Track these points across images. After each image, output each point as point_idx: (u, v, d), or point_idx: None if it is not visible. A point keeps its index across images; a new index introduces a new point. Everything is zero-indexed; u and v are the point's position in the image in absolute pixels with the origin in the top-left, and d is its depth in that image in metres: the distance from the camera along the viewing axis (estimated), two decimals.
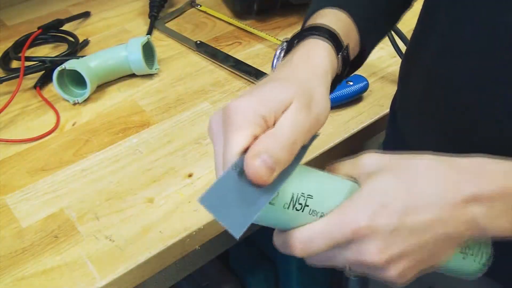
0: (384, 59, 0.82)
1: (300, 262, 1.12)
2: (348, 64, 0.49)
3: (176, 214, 0.58)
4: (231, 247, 0.68)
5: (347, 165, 0.41)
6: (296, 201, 0.36)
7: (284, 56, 0.47)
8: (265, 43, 0.87)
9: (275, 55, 0.73)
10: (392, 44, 0.79)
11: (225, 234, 0.61)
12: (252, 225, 0.34)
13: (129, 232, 0.57)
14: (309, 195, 0.37)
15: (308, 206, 0.37)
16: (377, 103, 0.74)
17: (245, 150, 0.35)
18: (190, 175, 0.63)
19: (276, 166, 0.34)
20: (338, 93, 0.72)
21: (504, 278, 0.52)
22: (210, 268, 1.03)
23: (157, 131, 0.70)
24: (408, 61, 0.60)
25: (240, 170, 0.35)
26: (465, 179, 0.37)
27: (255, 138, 0.35)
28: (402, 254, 0.36)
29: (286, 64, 0.43)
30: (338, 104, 0.73)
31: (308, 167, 0.39)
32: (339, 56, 0.46)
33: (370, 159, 0.39)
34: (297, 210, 0.37)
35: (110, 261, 0.54)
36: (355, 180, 0.40)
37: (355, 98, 0.74)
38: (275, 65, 0.73)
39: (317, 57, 0.43)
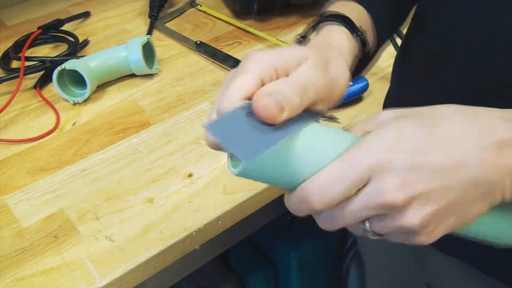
0: (384, 59, 0.82)
1: (300, 262, 1.12)
2: (367, 48, 0.48)
3: (176, 214, 0.58)
4: (231, 247, 0.68)
5: (364, 123, 0.37)
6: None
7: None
8: (265, 43, 0.87)
9: None
10: (392, 44, 0.79)
11: (225, 234, 0.61)
12: (252, 225, 0.34)
13: (129, 232, 0.57)
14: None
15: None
16: (377, 103, 0.74)
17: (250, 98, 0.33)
18: (190, 175, 0.63)
19: (286, 106, 0.32)
20: None
21: (505, 277, 0.52)
22: (210, 268, 1.03)
23: (157, 131, 0.70)
24: (401, 61, 0.60)
25: (248, 112, 0.33)
26: (496, 123, 0.34)
27: (262, 84, 0.34)
28: (423, 195, 0.32)
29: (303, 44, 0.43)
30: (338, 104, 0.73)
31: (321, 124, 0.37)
32: (355, 36, 0.45)
33: (387, 112, 0.36)
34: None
35: (110, 261, 0.54)
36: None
37: (355, 98, 0.73)
38: None
39: (335, 38, 0.43)
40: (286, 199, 0.36)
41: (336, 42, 0.43)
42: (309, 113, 0.36)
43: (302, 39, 0.47)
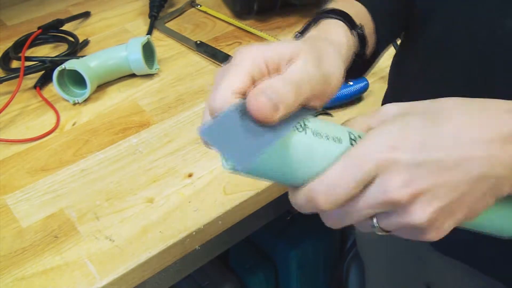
0: (384, 59, 0.82)
1: (300, 262, 1.12)
2: (367, 45, 0.47)
3: (176, 214, 0.58)
4: (231, 247, 0.68)
5: (366, 118, 0.37)
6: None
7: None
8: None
9: None
10: (392, 44, 0.79)
11: (225, 234, 0.61)
12: (252, 225, 0.33)
13: (129, 232, 0.57)
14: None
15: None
16: (377, 103, 0.74)
17: (243, 94, 0.33)
18: (190, 175, 0.63)
19: (280, 105, 0.32)
20: (338, 93, 0.72)
21: (505, 278, 0.52)
22: (210, 268, 1.03)
23: (157, 131, 0.70)
24: (399, 62, 0.60)
25: (242, 111, 0.32)
26: (501, 116, 0.33)
27: (253, 82, 0.33)
28: (429, 191, 0.32)
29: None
30: (338, 104, 0.73)
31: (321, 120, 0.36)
32: (353, 32, 0.45)
33: (391, 107, 0.36)
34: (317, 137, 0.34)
35: (110, 261, 0.54)
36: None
37: (355, 98, 0.73)
38: None
39: (332, 32, 0.43)
40: (291, 196, 0.35)
41: (332, 37, 0.42)
42: (303, 110, 0.35)
43: (300, 35, 0.47)
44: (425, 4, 0.53)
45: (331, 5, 0.47)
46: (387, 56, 0.82)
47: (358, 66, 0.48)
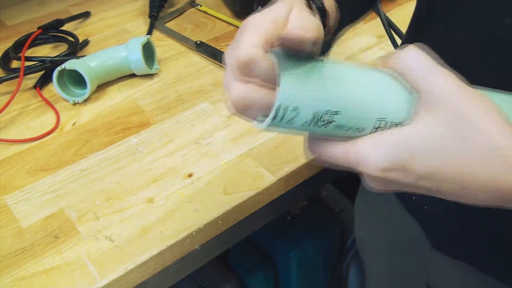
0: None
1: (300, 262, 1.12)
2: (327, 20, 0.47)
3: (176, 214, 0.58)
4: (231, 247, 0.68)
5: (422, 70, 0.35)
6: (318, 120, 0.33)
7: None
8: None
9: None
10: (392, 44, 0.79)
11: (225, 234, 0.61)
12: (252, 225, 0.33)
13: (129, 232, 0.57)
14: (335, 111, 0.33)
15: (332, 122, 0.34)
16: None
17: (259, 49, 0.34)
18: (190, 175, 0.63)
19: (308, 28, 0.33)
20: None
21: (506, 278, 0.52)
22: (210, 268, 1.03)
23: (157, 131, 0.70)
24: None
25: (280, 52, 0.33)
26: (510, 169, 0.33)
27: (268, 41, 0.34)
28: (396, 189, 0.35)
29: None
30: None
31: (339, 65, 0.35)
32: (312, 4, 0.45)
33: (445, 84, 0.35)
34: (319, 126, 0.34)
35: (110, 261, 0.54)
36: (411, 89, 0.35)
37: None
38: None
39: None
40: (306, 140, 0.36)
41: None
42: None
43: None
44: (425, 3, 0.53)
45: None
46: None
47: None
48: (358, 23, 0.57)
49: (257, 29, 0.35)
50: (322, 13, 0.46)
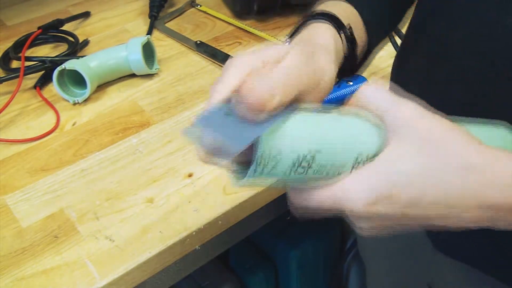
0: (384, 59, 0.82)
1: (300, 262, 1.12)
2: (355, 45, 0.48)
3: (176, 214, 0.58)
4: (231, 247, 0.68)
5: (384, 101, 0.36)
6: (298, 165, 0.34)
7: None
8: (265, 43, 0.87)
9: None
10: (392, 44, 0.79)
11: (225, 234, 0.61)
12: (252, 225, 0.33)
13: (129, 232, 0.57)
14: (316, 151, 0.34)
15: (312, 167, 0.34)
16: None
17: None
18: (190, 175, 0.63)
19: (276, 90, 0.32)
20: (338, 93, 0.72)
21: (507, 278, 0.52)
22: (210, 268, 1.03)
23: (157, 131, 0.70)
24: (400, 61, 0.60)
25: (226, 111, 0.33)
26: (487, 182, 0.34)
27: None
28: (386, 225, 0.35)
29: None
30: (338, 104, 0.73)
31: (312, 114, 0.35)
32: (341, 33, 0.45)
33: (408, 112, 0.35)
34: (299, 174, 0.34)
35: (110, 261, 0.54)
36: (378, 123, 0.36)
37: None
38: None
39: (319, 35, 0.43)
40: (292, 193, 0.36)
41: (319, 40, 0.43)
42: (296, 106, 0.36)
43: (290, 38, 0.47)
44: (426, 3, 0.53)
45: (319, 7, 0.48)
46: (387, 56, 0.82)
47: (349, 66, 0.49)
48: (383, 45, 0.57)
49: (237, 68, 0.35)
50: (352, 42, 0.46)
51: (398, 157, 0.34)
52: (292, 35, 0.47)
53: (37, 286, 0.52)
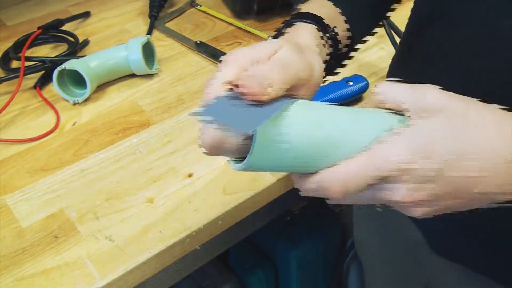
0: (384, 59, 0.82)
1: (300, 262, 1.12)
2: (339, 46, 0.48)
3: (176, 214, 0.59)
4: (231, 247, 0.68)
5: (405, 93, 0.37)
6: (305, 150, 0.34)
7: None
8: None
9: None
10: (392, 44, 0.79)
11: (225, 234, 0.61)
12: (252, 225, 0.34)
13: (129, 232, 0.57)
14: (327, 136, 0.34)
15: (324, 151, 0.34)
16: None
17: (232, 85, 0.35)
18: (190, 175, 0.63)
19: (267, 84, 0.33)
20: (338, 93, 0.72)
21: (505, 280, 0.52)
22: (210, 268, 1.03)
23: (157, 131, 0.70)
24: (399, 62, 0.60)
25: (231, 97, 0.33)
26: None
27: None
28: (432, 200, 0.35)
29: None
30: (338, 104, 0.73)
31: (317, 103, 0.36)
32: (325, 35, 0.46)
33: (434, 95, 0.35)
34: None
35: (110, 261, 0.54)
36: (402, 114, 0.37)
37: (355, 98, 0.73)
38: None
39: (301, 37, 0.44)
40: (299, 180, 0.36)
41: (302, 41, 0.43)
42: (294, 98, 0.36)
43: (274, 38, 0.48)
44: (424, 5, 0.53)
45: (302, 8, 0.48)
46: (387, 56, 0.82)
47: (332, 65, 0.50)
48: (369, 38, 0.58)
49: (232, 64, 0.36)
50: (335, 42, 0.47)
51: (428, 123, 0.34)
52: (275, 37, 0.48)
53: (37, 286, 0.52)
